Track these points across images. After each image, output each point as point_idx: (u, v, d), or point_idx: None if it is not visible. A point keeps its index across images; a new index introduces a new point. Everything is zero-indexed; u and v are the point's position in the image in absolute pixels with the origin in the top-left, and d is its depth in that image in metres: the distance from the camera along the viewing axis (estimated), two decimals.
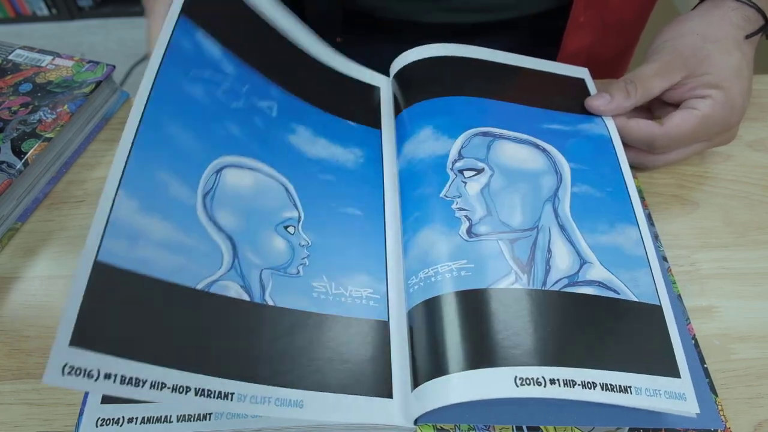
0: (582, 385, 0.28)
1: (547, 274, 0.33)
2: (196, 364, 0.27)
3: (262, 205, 0.35)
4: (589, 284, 0.33)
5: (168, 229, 0.29)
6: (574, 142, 0.39)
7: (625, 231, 0.35)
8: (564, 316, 0.31)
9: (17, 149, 0.41)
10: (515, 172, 0.37)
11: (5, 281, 0.38)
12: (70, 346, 0.23)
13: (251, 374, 0.29)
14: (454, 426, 0.31)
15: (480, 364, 0.29)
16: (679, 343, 0.31)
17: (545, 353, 0.29)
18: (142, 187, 0.28)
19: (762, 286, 0.37)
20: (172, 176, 0.30)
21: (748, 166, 0.44)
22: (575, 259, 0.34)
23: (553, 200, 0.36)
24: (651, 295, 0.33)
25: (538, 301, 0.32)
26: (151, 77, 0.32)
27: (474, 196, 0.36)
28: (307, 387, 0.30)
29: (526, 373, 0.28)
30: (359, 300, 0.34)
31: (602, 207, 0.36)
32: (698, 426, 0.31)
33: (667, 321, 0.32)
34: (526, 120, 0.40)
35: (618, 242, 0.35)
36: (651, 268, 0.34)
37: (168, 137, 0.31)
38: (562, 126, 0.40)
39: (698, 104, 0.38)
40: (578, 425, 0.31)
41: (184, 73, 0.34)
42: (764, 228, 0.40)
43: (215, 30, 0.37)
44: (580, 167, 0.38)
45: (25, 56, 0.48)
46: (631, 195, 0.37)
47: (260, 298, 0.32)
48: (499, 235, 0.34)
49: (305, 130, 0.40)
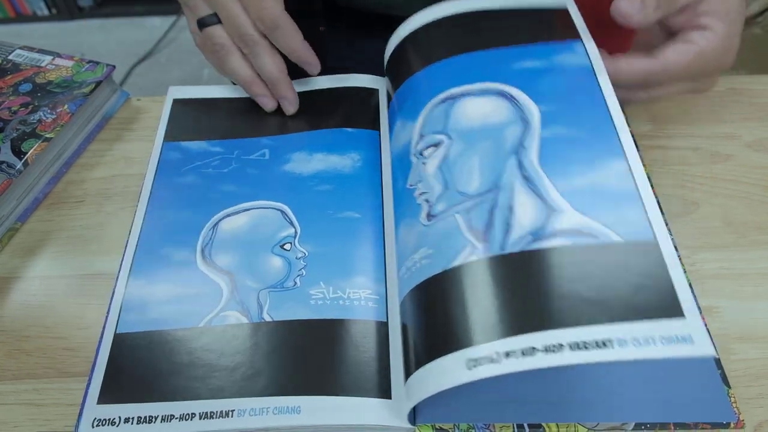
0: (545, 350, 0.25)
1: (507, 235, 0.29)
2: (199, 391, 0.31)
3: (258, 235, 0.38)
4: (557, 235, 0.29)
5: (171, 287, 0.36)
6: (548, 81, 0.35)
7: (609, 166, 0.31)
8: (523, 279, 0.28)
9: (17, 149, 0.41)
10: (475, 132, 0.34)
11: (5, 281, 0.38)
12: (98, 404, 0.31)
13: (250, 389, 0.31)
14: (453, 425, 0.31)
15: (434, 354, 0.28)
16: (682, 278, 0.27)
17: (498, 325, 0.26)
18: (147, 267, 0.36)
19: (762, 286, 0.37)
20: (173, 248, 0.37)
21: (748, 167, 0.44)
22: (541, 211, 0.30)
23: (518, 151, 0.33)
24: (643, 231, 0.28)
25: (493, 269, 0.29)
26: (146, 193, 0.40)
27: (432, 175, 0.34)
28: (304, 392, 0.31)
29: (476, 353, 0.26)
30: (358, 302, 0.34)
31: (580, 147, 0.32)
32: (710, 419, 0.30)
33: (665, 255, 0.27)
34: (497, 64, 0.37)
35: (598, 181, 0.31)
36: (643, 200, 0.29)
37: (167, 222, 0.38)
38: (536, 62, 0.36)
39: (696, 37, 0.36)
40: (581, 422, 0.30)
41: (176, 173, 0.41)
42: (764, 228, 0.40)
43: (196, 134, 0.44)
44: (553, 108, 0.34)
45: (25, 56, 0.48)
46: (618, 126, 0.33)
47: (258, 317, 0.34)
48: (455, 209, 0.32)
49: (300, 154, 0.42)
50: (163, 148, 0.43)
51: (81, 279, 0.38)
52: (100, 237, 0.40)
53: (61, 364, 0.34)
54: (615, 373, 0.31)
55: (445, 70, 0.38)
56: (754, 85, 0.49)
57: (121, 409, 0.31)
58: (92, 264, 0.39)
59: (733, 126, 0.46)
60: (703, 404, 0.30)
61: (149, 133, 0.46)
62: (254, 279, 0.36)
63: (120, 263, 0.37)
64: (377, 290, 0.35)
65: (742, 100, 0.48)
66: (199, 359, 0.33)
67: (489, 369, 0.25)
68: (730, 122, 0.46)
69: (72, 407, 0.32)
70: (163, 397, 0.31)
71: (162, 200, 0.40)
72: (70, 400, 0.33)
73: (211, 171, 0.41)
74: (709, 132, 0.46)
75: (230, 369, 0.32)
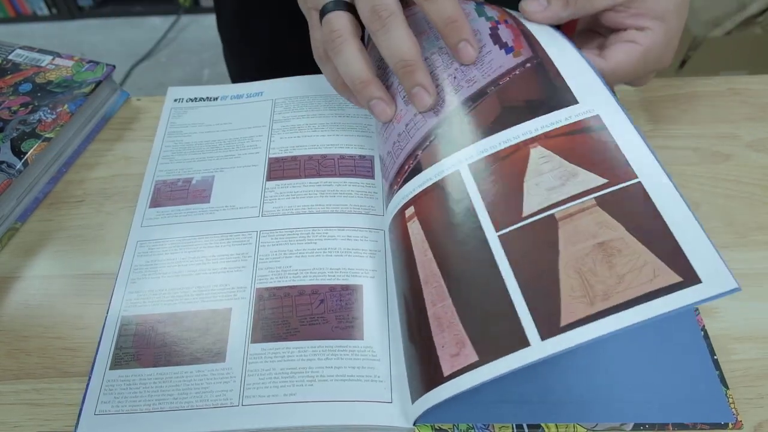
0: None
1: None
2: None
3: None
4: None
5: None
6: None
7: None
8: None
9: (17, 149, 0.41)
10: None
11: (5, 281, 0.38)
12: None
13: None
14: (452, 425, 0.31)
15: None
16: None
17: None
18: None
19: (762, 286, 0.37)
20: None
21: (748, 167, 0.44)
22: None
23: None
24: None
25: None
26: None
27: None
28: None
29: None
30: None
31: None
32: (708, 420, 0.30)
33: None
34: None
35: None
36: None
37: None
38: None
39: (638, 37, 0.36)
40: (580, 422, 0.30)
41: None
42: (765, 228, 0.40)
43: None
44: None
45: (25, 56, 0.48)
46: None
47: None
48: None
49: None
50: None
51: (81, 279, 0.38)
52: (100, 237, 0.40)
53: (61, 364, 0.34)
54: (614, 372, 0.31)
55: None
56: (754, 85, 0.49)
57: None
58: (92, 264, 0.39)
59: (733, 126, 0.46)
60: (701, 405, 0.30)
61: (149, 133, 0.46)
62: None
63: (120, 263, 0.37)
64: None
65: (742, 100, 0.48)
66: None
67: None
68: (730, 122, 0.46)
69: (72, 407, 0.32)
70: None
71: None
72: (69, 400, 0.33)
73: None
74: (709, 132, 0.46)
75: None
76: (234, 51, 0.66)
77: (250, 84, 0.48)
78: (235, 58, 0.67)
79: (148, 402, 0.31)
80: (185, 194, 0.41)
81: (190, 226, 0.39)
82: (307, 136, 0.43)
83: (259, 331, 0.34)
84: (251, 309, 0.35)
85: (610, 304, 0.25)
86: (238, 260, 0.37)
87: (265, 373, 0.32)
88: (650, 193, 0.28)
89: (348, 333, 0.33)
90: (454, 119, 0.33)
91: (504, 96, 0.33)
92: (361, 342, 0.33)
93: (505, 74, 0.34)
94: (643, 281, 0.25)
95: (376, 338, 0.33)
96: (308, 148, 0.43)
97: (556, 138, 0.31)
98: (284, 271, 0.36)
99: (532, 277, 0.28)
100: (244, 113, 0.46)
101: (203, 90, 0.47)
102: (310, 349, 0.33)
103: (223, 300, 0.35)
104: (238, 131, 0.45)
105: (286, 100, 0.46)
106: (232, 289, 0.36)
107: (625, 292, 0.25)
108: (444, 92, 0.34)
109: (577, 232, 0.28)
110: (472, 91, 0.34)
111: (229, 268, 0.37)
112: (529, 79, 0.34)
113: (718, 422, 0.30)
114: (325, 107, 0.45)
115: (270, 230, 0.38)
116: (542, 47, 0.35)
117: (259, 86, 0.48)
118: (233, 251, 0.37)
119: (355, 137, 0.43)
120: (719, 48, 1.33)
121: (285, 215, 0.39)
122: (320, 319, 0.34)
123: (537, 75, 0.34)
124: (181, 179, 0.42)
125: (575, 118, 0.31)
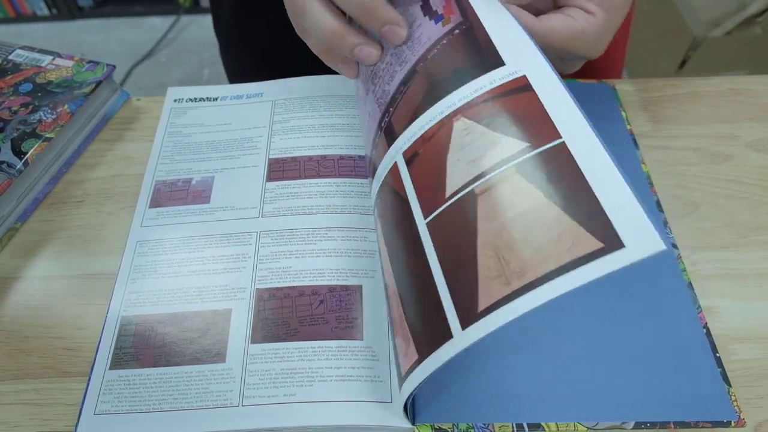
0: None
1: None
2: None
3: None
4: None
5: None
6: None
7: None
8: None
9: (17, 149, 0.41)
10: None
11: (5, 281, 0.38)
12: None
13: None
14: (452, 425, 0.31)
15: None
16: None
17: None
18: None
19: (762, 286, 0.37)
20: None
21: (748, 167, 0.44)
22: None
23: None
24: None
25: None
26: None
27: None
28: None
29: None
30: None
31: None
32: (710, 418, 0.29)
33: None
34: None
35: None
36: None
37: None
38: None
39: (579, 15, 0.35)
40: (581, 421, 0.30)
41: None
42: (765, 228, 0.40)
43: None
44: None
45: (25, 56, 0.48)
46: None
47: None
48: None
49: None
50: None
51: (81, 279, 0.38)
52: (100, 237, 0.40)
53: (61, 364, 0.34)
54: (615, 371, 0.31)
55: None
56: (754, 85, 0.49)
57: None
58: (92, 264, 0.39)
59: (733, 126, 0.46)
60: (703, 403, 0.30)
61: (149, 133, 0.46)
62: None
63: (120, 263, 0.37)
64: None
65: (742, 100, 0.48)
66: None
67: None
68: (730, 122, 0.46)
69: (72, 407, 0.32)
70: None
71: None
72: (69, 400, 0.33)
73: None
74: (709, 132, 0.46)
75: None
76: (231, 51, 0.66)
77: (250, 84, 0.48)
78: (232, 58, 0.67)
79: (147, 402, 0.31)
80: (185, 194, 0.41)
81: (190, 226, 0.39)
82: (306, 136, 0.43)
83: (259, 332, 0.34)
84: (251, 309, 0.35)
85: (525, 281, 0.23)
86: (238, 261, 0.37)
87: (265, 374, 0.32)
88: (574, 153, 0.25)
89: (348, 333, 0.33)
90: (393, 108, 0.32)
91: (431, 70, 0.31)
92: (360, 342, 0.33)
93: (432, 46, 0.31)
94: (560, 251, 0.23)
95: (375, 338, 0.33)
96: (308, 149, 0.43)
97: (479, 105, 0.28)
98: (284, 271, 0.36)
99: (454, 263, 0.26)
100: (244, 114, 0.46)
101: (203, 90, 0.48)
102: (310, 349, 0.33)
103: (223, 300, 0.35)
104: (238, 132, 0.45)
105: (286, 100, 0.46)
106: (232, 290, 0.36)
107: (540, 266, 0.23)
108: (383, 83, 0.33)
109: (496, 205, 0.25)
110: (404, 73, 0.32)
111: (229, 268, 0.37)
112: (456, 46, 0.31)
113: (720, 420, 0.30)
114: (325, 108, 0.45)
115: (270, 231, 0.38)
116: (473, 9, 0.32)
117: (259, 87, 0.48)
118: (233, 252, 0.37)
119: (355, 138, 0.43)
120: (719, 48, 1.33)
121: (285, 216, 0.39)
122: (320, 319, 0.34)
123: (465, 41, 0.31)
124: (181, 179, 0.42)
125: (499, 81, 0.28)
